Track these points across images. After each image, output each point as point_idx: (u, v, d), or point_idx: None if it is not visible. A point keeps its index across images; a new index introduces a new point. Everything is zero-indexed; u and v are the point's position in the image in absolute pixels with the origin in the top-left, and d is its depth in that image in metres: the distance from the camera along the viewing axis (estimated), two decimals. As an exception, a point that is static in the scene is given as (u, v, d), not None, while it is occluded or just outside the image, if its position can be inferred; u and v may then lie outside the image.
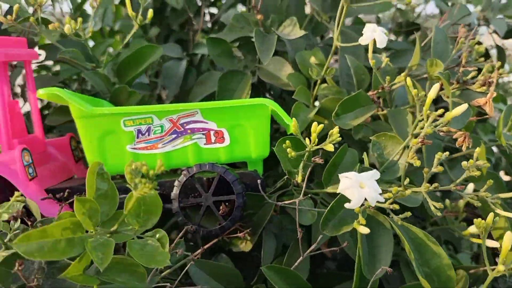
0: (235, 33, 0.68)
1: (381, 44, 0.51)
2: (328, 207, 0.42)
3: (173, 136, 0.51)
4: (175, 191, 0.48)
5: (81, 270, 0.33)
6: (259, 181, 0.50)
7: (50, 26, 0.54)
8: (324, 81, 0.62)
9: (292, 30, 0.63)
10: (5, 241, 0.36)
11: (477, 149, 0.44)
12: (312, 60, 0.64)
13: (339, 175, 0.40)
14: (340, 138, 0.43)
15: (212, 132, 0.51)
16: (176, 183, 0.48)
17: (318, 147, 0.43)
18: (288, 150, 0.44)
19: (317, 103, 0.63)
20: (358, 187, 0.37)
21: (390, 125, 0.57)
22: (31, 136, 0.56)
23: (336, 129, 0.43)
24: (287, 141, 0.44)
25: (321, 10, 0.67)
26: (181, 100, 0.80)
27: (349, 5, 0.54)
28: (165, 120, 0.50)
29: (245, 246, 0.50)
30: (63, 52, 0.58)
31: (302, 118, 0.57)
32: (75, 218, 0.32)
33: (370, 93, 0.56)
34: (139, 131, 0.50)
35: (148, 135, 0.51)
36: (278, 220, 0.53)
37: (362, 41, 0.51)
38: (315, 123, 0.45)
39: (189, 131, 0.51)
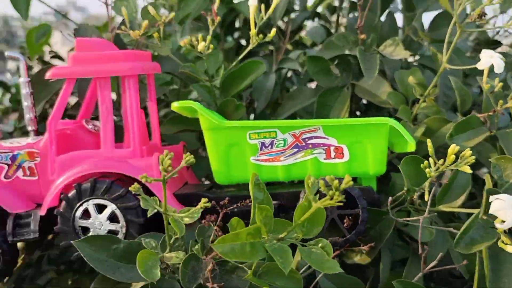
0: (333, 51, 0.71)
1: (499, 69, 0.53)
2: (463, 227, 0.44)
3: (295, 150, 0.53)
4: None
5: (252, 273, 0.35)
6: (376, 196, 0.52)
7: (182, 43, 0.57)
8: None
9: (394, 50, 0.65)
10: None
11: None
12: (411, 79, 0.65)
13: (491, 197, 0.42)
14: (474, 159, 0.45)
15: (332, 148, 0.53)
16: (302, 194, 0.50)
17: (452, 167, 0.45)
18: (427, 170, 0.46)
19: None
20: (511, 209, 0.39)
21: (493, 146, 0.59)
22: (152, 143, 0.60)
23: (468, 152, 0.45)
24: (425, 162, 0.46)
25: (420, 29, 0.69)
26: (269, 114, 0.83)
27: (463, 30, 0.56)
28: (288, 135, 0.53)
29: (362, 259, 0.52)
30: (184, 66, 0.61)
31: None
32: (256, 224, 0.35)
33: (480, 115, 0.57)
34: (262, 144, 0.53)
35: (271, 148, 0.53)
36: (391, 236, 0.55)
37: (480, 66, 0.53)
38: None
39: (310, 146, 0.53)
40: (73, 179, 0.53)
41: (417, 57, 0.79)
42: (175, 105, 0.54)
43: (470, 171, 0.45)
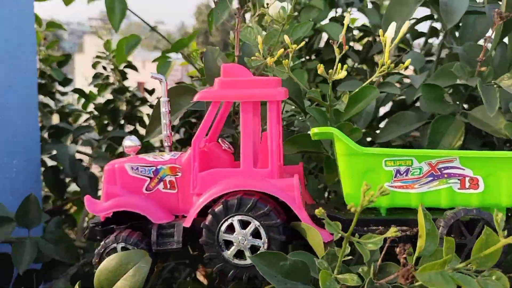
0: (447, 80, 0.73)
1: None
2: None
3: (430, 178, 0.55)
4: (442, 231, 0.52)
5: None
6: (508, 226, 0.54)
7: (319, 71, 0.60)
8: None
9: None
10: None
11: None
12: None
13: None
14: None
15: (467, 179, 0.55)
16: (443, 223, 0.52)
17: None
18: None
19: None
20: None
21: None
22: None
23: None
24: None
25: None
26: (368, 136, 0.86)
27: None
28: (424, 164, 0.55)
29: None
30: (310, 92, 0.64)
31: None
32: (448, 256, 0.37)
33: None
34: (397, 171, 0.56)
35: (406, 175, 0.56)
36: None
37: None
38: None
39: (445, 175, 0.55)
40: (218, 195, 0.57)
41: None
42: (316, 131, 0.57)
43: None
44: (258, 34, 0.70)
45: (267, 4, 0.67)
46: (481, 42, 0.78)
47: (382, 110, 0.99)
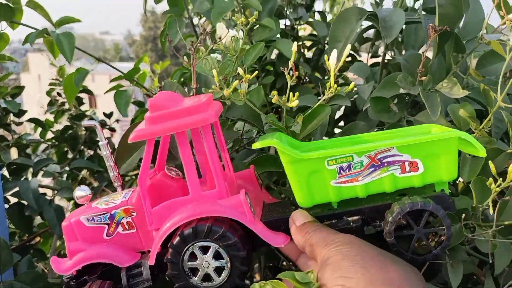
0: (392, 90, 0.75)
1: None
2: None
3: (371, 169, 0.57)
4: (390, 227, 0.54)
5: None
6: (450, 201, 0.57)
7: (274, 100, 0.62)
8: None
9: (452, 89, 0.69)
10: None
11: None
12: (462, 112, 0.69)
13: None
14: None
15: (406, 163, 0.57)
16: (390, 219, 0.54)
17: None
18: (492, 186, 0.51)
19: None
20: None
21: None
22: (227, 175, 0.64)
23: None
24: (490, 179, 0.52)
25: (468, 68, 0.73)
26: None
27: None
28: (364, 157, 0.57)
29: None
30: (267, 117, 0.66)
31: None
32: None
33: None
34: (340, 168, 0.57)
35: (349, 170, 0.57)
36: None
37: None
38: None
39: (385, 164, 0.57)
40: (173, 229, 0.58)
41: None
42: (257, 145, 0.58)
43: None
44: (213, 66, 0.70)
45: (220, 38, 0.68)
46: (423, 48, 0.80)
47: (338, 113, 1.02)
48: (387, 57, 0.95)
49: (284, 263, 0.93)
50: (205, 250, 0.57)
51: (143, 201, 0.61)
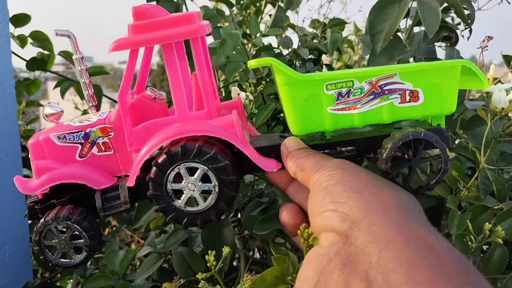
0: None
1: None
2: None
3: (371, 97, 0.55)
4: (389, 154, 0.52)
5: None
6: (447, 135, 0.55)
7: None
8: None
9: None
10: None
11: None
12: (453, 172, 0.70)
13: None
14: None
15: (407, 92, 0.55)
16: (390, 145, 0.52)
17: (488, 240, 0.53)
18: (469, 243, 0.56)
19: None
20: None
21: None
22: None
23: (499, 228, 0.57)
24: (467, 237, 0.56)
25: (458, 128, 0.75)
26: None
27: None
28: (365, 83, 0.54)
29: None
30: None
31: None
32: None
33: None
34: (339, 94, 0.54)
35: (348, 97, 0.55)
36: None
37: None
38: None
39: (386, 92, 0.55)
40: (158, 147, 0.53)
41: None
42: (252, 63, 0.54)
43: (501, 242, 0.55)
44: None
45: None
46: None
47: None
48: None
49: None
50: (192, 171, 0.53)
51: (123, 119, 0.55)
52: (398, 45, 0.72)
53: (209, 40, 0.97)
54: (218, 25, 1.01)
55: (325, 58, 1.24)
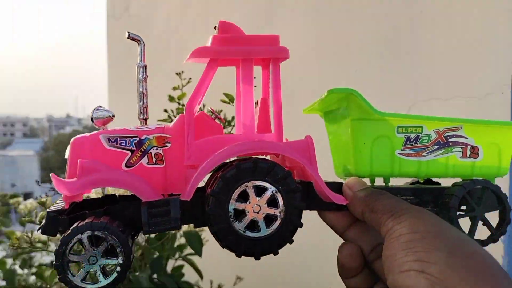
0: None
1: None
2: None
3: (436, 146, 0.55)
4: (455, 201, 0.52)
5: None
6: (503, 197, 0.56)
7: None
8: None
9: None
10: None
11: None
12: None
13: None
14: None
15: (469, 147, 0.56)
16: (457, 191, 0.52)
17: None
18: None
19: None
20: None
21: None
22: None
23: None
24: None
25: None
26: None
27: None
28: (433, 131, 0.55)
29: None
30: None
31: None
32: None
33: None
34: (408, 139, 0.55)
35: (415, 143, 0.55)
36: None
37: None
38: None
39: (450, 144, 0.56)
40: (230, 158, 0.49)
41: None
42: (332, 91, 0.53)
43: None
44: None
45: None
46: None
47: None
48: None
49: None
50: (259, 191, 0.49)
51: (187, 129, 0.52)
52: None
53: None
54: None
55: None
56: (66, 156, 0.52)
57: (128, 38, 0.55)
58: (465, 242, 0.42)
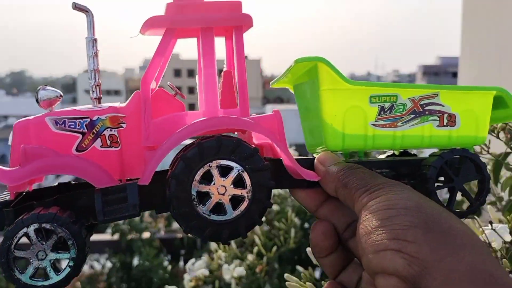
0: None
1: None
2: None
3: (412, 116, 0.52)
4: (433, 172, 0.49)
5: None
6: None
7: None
8: None
9: None
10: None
11: None
12: None
13: None
14: None
15: (445, 115, 0.53)
16: (435, 162, 0.50)
17: None
18: None
19: None
20: None
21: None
22: None
23: None
24: None
25: None
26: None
27: None
28: (408, 100, 0.52)
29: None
30: None
31: None
32: None
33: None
34: (382, 108, 0.51)
35: (390, 113, 0.52)
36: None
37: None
38: None
39: (427, 112, 0.53)
40: (191, 136, 0.45)
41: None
42: (299, 60, 0.49)
43: None
44: None
45: None
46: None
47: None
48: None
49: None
50: (224, 172, 0.45)
51: (144, 107, 0.47)
52: None
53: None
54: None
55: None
56: (9, 142, 0.47)
57: (74, 9, 0.50)
58: (442, 217, 0.39)
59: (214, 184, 0.44)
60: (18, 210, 0.45)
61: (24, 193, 0.47)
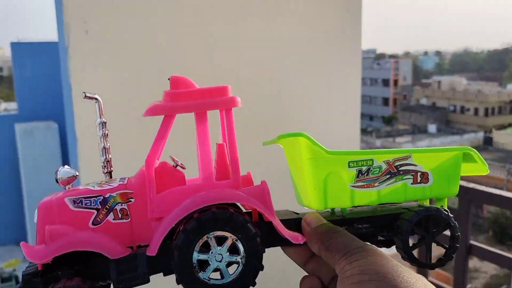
0: None
1: None
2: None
3: (388, 176, 0.59)
4: (408, 227, 0.55)
5: None
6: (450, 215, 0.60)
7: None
8: None
9: None
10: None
11: None
12: None
13: None
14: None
15: (419, 174, 0.59)
16: (411, 218, 0.56)
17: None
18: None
19: None
20: None
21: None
22: None
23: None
24: None
25: None
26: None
27: None
28: (383, 163, 0.58)
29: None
30: None
31: None
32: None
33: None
34: (359, 172, 0.58)
35: (367, 175, 0.58)
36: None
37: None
38: None
39: (401, 172, 0.59)
40: (189, 212, 0.52)
41: None
42: (284, 135, 0.56)
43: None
44: None
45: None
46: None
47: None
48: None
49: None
50: (220, 241, 0.52)
51: (148, 184, 0.54)
52: None
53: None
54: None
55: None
56: (35, 220, 0.54)
57: (84, 98, 0.57)
58: (411, 284, 0.44)
59: (212, 253, 0.51)
60: (45, 280, 0.52)
61: (49, 264, 0.54)
